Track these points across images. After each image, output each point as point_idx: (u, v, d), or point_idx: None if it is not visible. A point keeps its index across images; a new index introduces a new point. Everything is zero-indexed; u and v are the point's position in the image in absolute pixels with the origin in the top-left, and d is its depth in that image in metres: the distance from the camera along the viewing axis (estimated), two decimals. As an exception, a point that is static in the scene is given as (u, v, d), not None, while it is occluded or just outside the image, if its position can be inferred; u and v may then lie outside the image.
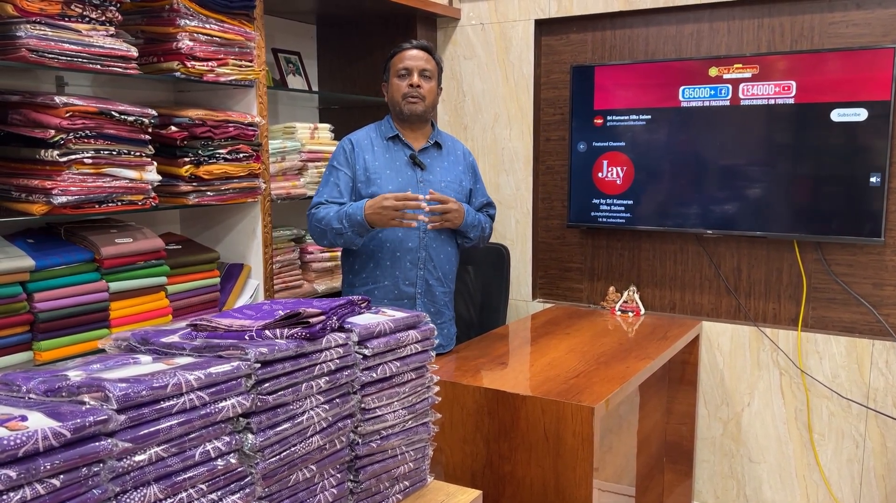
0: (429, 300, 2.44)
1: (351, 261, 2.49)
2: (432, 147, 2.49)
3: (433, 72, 2.45)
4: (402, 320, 1.39)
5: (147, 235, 2.19)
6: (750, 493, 2.96)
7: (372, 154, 2.42)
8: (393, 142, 2.46)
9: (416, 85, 2.40)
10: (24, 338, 1.90)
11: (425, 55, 2.44)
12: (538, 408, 1.93)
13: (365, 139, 2.46)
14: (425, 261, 2.41)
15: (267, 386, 1.11)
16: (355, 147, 2.43)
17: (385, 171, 2.39)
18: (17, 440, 0.79)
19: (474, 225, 2.46)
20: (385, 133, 2.47)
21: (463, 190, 2.51)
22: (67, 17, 1.86)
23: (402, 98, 2.41)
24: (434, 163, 2.47)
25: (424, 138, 2.49)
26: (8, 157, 1.91)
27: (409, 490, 1.44)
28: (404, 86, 2.41)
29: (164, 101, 2.57)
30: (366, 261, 2.43)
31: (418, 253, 2.40)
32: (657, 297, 3.14)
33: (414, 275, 2.41)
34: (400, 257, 2.39)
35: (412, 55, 2.43)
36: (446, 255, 2.47)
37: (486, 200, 2.63)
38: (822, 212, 2.71)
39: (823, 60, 2.65)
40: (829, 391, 2.76)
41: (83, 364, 1.10)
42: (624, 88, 3.01)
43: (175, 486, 0.97)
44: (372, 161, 2.41)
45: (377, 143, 2.45)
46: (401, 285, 2.40)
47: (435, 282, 2.45)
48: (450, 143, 2.57)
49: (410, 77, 2.41)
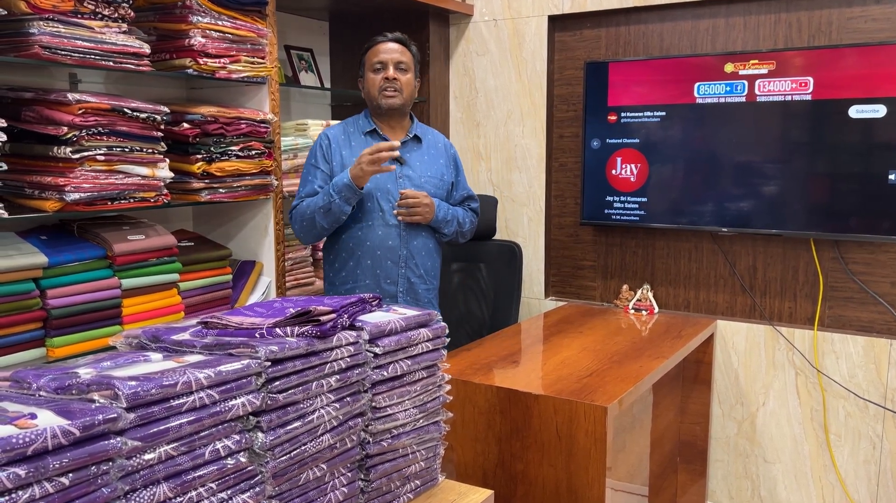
0: (412, 298, 2.41)
1: (331, 259, 2.45)
2: (412, 140, 2.45)
3: (409, 64, 2.41)
4: (413, 318, 1.38)
5: (159, 232, 2.19)
6: (765, 494, 2.93)
7: (349, 150, 2.39)
8: (371, 136, 2.42)
9: (392, 78, 2.36)
10: (37, 334, 1.91)
11: (400, 47, 2.40)
12: (550, 407, 1.91)
13: (342, 134, 2.42)
14: (406, 259, 2.38)
15: (277, 384, 1.10)
16: (332, 143, 2.40)
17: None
18: (27, 438, 0.78)
19: (447, 220, 2.42)
20: (363, 127, 2.43)
21: (444, 184, 2.47)
22: (80, 14, 1.87)
23: (378, 92, 2.38)
24: (414, 157, 2.43)
25: (403, 132, 2.46)
26: (21, 154, 1.91)
27: (420, 489, 1.43)
28: (380, 79, 2.38)
29: (177, 97, 2.58)
30: (346, 259, 2.40)
31: (399, 251, 2.37)
32: (671, 296, 3.11)
33: (395, 273, 2.38)
34: (381, 255, 2.36)
35: (387, 48, 2.39)
36: (427, 252, 2.43)
37: (468, 193, 2.58)
38: (840, 209, 2.68)
39: (842, 56, 2.61)
40: (845, 391, 2.73)
41: (94, 361, 1.09)
42: (638, 85, 2.98)
43: (185, 485, 0.96)
44: (349, 157, 2.37)
45: (355, 139, 2.42)
46: (382, 284, 2.37)
47: (417, 279, 2.41)
48: (430, 135, 2.52)
49: (386, 70, 2.37)
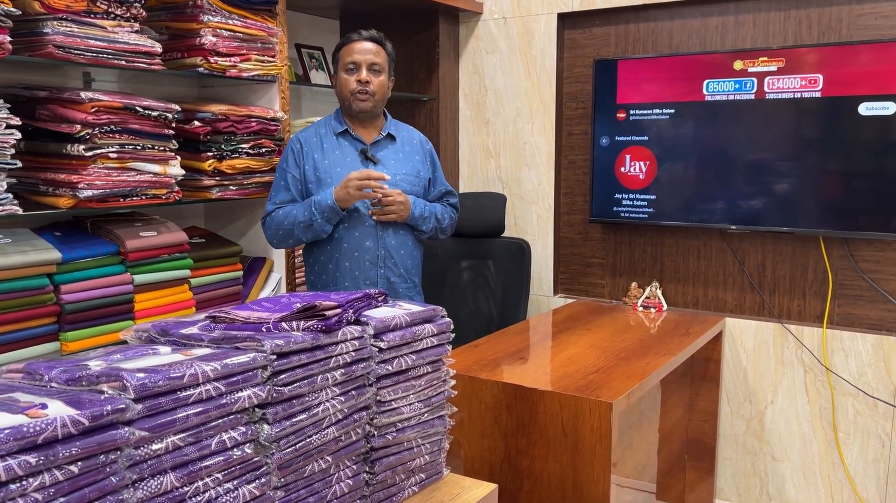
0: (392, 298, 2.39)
1: (311, 262, 2.44)
2: (385, 139, 2.42)
3: (383, 64, 2.37)
4: (418, 314, 1.40)
5: (171, 229, 2.22)
6: (773, 492, 2.93)
7: (321, 153, 2.36)
8: (343, 136, 2.39)
9: (365, 81, 2.32)
10: (51, 328, 1.94)
11: (375, 47, 2.36)
12: (556, 403, 1.92)
13: (313, 137, 2.39)
14: (384, 259, 2.36)
15: (283, 377, 1.12)
16: (304, 146, 2.37)
17: (335, 169, 2.33)
18: (37, 427, 0.81)
19: (425, 217, 2.39)
20: (334, 128, 2.40)
21: (420, 181, 2.44)
22: (93, 14, 1.90)
23: (350, 94, 2.34)
24: (388, 155, 2.40)
25: (377, 130, 2.42)
26: (36, 152, 1.95)
27: (424, 482, 1.45)
28: (352, 81, 2.33)
29: (189, 96, 2.61)
30: (325, 262, 2.37)
31: (377, 251, 2.34)
32: (680, 293, 3.11)
33: (374, 273, 2.35)
34: (358, 257, 2.34)
35: (361, 48, 2.34)
36: (407, 251, 2.41)
37: (446, 189, 2.55)
38: (849, 207, 2.67)
39: (851, 53, 2.60)
40: (854, 389, 2.72)
41: (104, 354, 1.12)
42: (647, 82, 2.98)
43: (191, 475, 0.99)
44: (321, 160, 2.35)
45: (327, 140, 2.38)
46: (361, 285, 2.34)
47: (397, 279, 2.39)
48: (404, 132, 2.49)
49: (359, 72, 2.33)
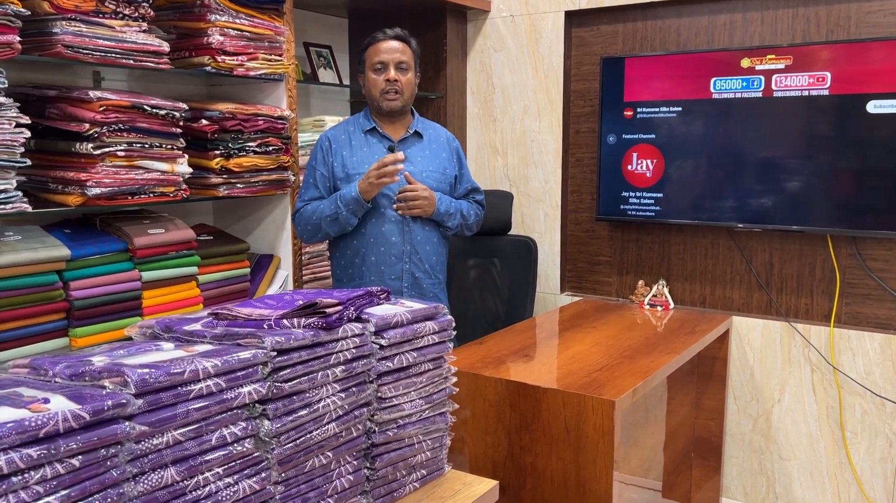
0: (417, 293, 2.41)
1: (337, 256, 2.47)
2: (412, 136, 2.45)
3: (410, 62, 2.39)
4: (419, 311, 1.41)
5: (179, 226, 2.24)
6: (780, 491, 2.92)
7: (349, 149, 2.40)
8: (371, 134, 2.43)
9: (394, 80, 2.35)
10: (60, 324, 1.97)
11: (401, 45, 2.38)
12: (559, 400, 1.93)
13: (342, 134, 2.43)
14: (410, 255, 2.39)
15: (283, 373, 1.14)
16: (332, 144, 2.41)
17: (363, 166, 2.36)
18: (39, 421, 0.82)
19: (450, 213, 2.42)
20: (363, 126, 2.43)
21: (447, 178, 2.47)
22: (101, 14, 1.92)
23: (379, 94, 2.37)
24: (414, 152, 2.43)
25: (404, 128, 2.46)
26: (46, 150, 1.97)
27: (426, 478, 1.46)
28: (381, 81, 2.36)
29: (198, 94, 2.63)
30: (352, 257, 2.41)
31: (402, 247, 2.37)
32: (687, 292, 3.11)
33: (399, 269, 2.38)
34: (384, 252, 2.37)
35: (387, 47, 2.37)
36: (432, 247, 2.44)
37: (472, 186, 2.57)
38: (857, 206, 2.66)
39: (860, 50, 2.58)
40: (862, 389, 2.71)
41: (108, 350, 1.14)
42: (654, 80, 2.98)
43: (192, 469, 1.00)
44: (349, 157, 2.39)
45: (355, 137, 2.42)
46: (387, 280, 2.37)
47: (422, 274, 2.42)
48: (431, 130, 2.52)
49: (387, 72, 2.36)
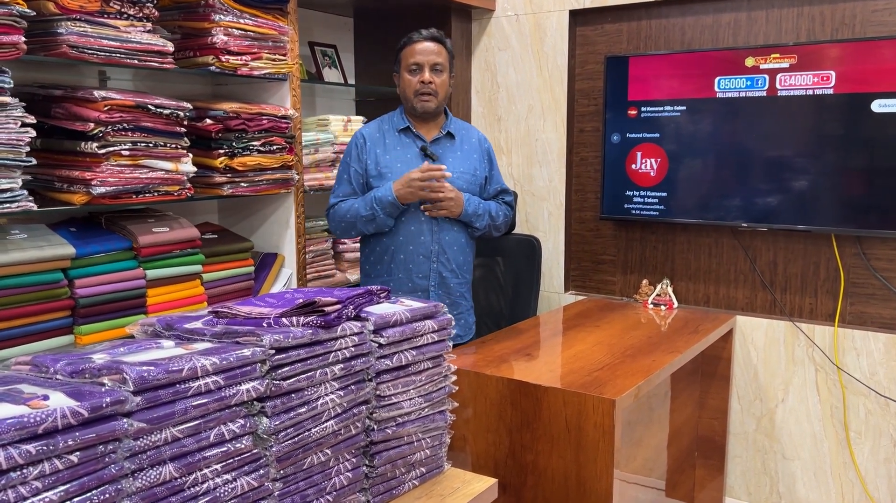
0: (443, 292, 2.44)
1: (367, 252, 2.51)
2: (444, 137, 2.48)
3: (445, 63, 2.42)
4: (419, 310, 1.42)
5: (183, 225, 2.26)
6: (783, 491, 2.92)
7: (383, 148, 2.43)
8: (405, 133, 2.45)
9: (429, 81, 2.38)
10: (65, 322, 1.99)
11: (437, 47, 2.40)
12: (560, 399, 1.94)
13: (377, 132, 2.46)
14: (438, 254, 2.41)
15: (281, 371, 1.15)
16: (367, 142, 2.44)
17: (396, 165, 2.40)
18: (37, 418, 0.84)
19: (478, 214, 2.43)
20: (397, 125, 2.46)
21: (477, 179, 2.49)
22: (106, 14, 1.93)
23: (413, 95, 2.40)
24: (446, 153, 2.46)
25: (437, 128, 2.48)
26: (51, 150, 1.99)
27: (425, 476, 1.47)
28: (416, 82, 2.39)
29: (203, 94, 2.64)
30: (381, 254, 2.44)
31: (431, 246, 2.40)
32: (691, 291, 3.11)
33: (427, 267, 2.41)
34: (413, 250, 2.40)
35: (423, 48, 2.39)
36: (459, 247, 2.46)
37: (502, 187, 2.59)
38: (862, 205, 2.65)
39: (865, 49, 2.57)
40: (866, 389, 2.70)
41: (110, 347, 1.15)
42: (659, 79, 2.97)
43: (190, 466, 1.02)
44: (383, 155, 2.41)
45: (389, 136, 2.45)
46: (414, 278, 2.40)
47: (449, 274, 2.44)
48: (464, 131, 2.54)
49: (422, 73, 2.38)
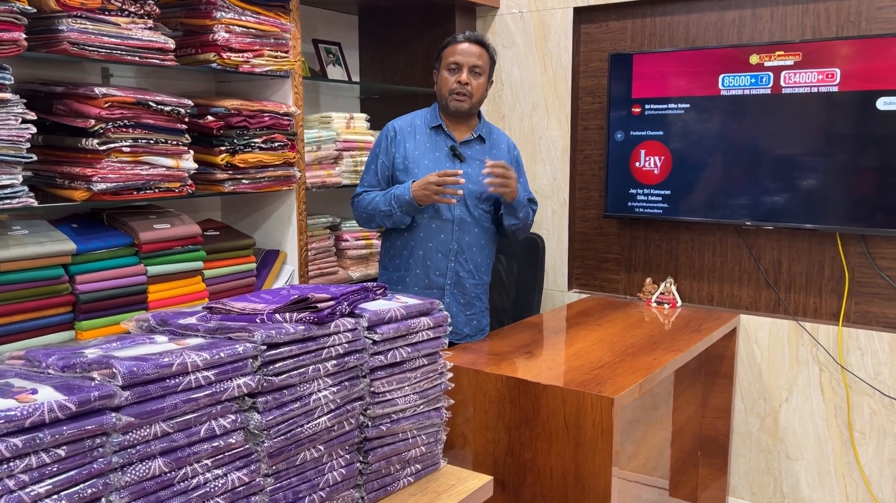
0: (459, 291, 2.44)
1: (387, 246, 2.52)
2: (475, 140, 2.48)
3: (484, 67, 2.41)
4: (414, 307, 1.42)
5: (185, 221, 2.26)
6: (787, 490, 2.90)
7: (413, 142, 2.43)
8: (436, 131, 2.46)
9: (465, 82, 2.37)
10: (66, 317, 1.99)
11: (478, 49, 2.40)
12: (559, 397, 1.93)
13: (409, 126, 2.47)
14: (456, 254, 2.42)
15: (273, 367, 1.15)
16: (398, 134, 2.44)
17: (423, 161, 2.40)
18: (24, 412, 0.84)
19: (524, 205, 2.45)
20: (429, 122, 2.47)
21: None
22: (107, 11, 1.94)
23: (448, 93, 2.40)
24: (475, 155, 2.46)
25: (469, 130, 2.48)
26: (53, 146, 2.00)
27: (421, 473, 1.47)
28: (452, 81, 2.38)
29: (205, 91, 2.65)
30: (401, 248, 2.46)
31: (450, 244, 2.41)
32: (695, 290, 3.09)
33: (444, 265, 2.41)
34: (432, 248, 2.41)
35: (464, 49, 2.39)
36: (479, 248, 2.46)
37: (529, 196, 2.58)
38: (867, 204, 2.63)
39: (870, 47, 2.55)
40: (870, 388, 2.68)
41: (103, 342, 1.16)
42: (662, 77, 2.96)
43: (179, 461, 1.02)
44: (412, 149, 2.42)
45: (420, 131, 2.45)
46: (431, 275, 2.41)
47: (466, 274, 2.44)
48: (495, 136, 2.55)
49: (460, 73, 2.38)
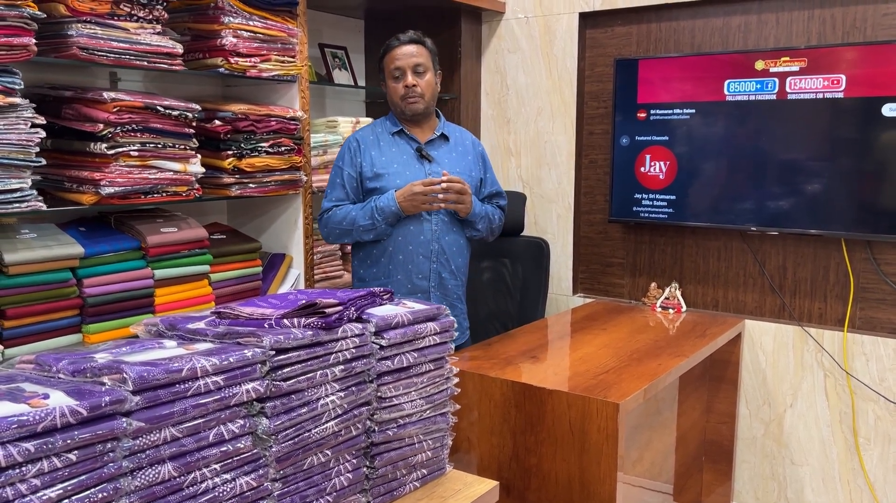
0: (442, 294, 2.43)
1: (362, 256, 2.47)
2: (439, 139, 2.47)
3: (426, 63, 2.40)
4: (420, 312, 1.42)
5: (192, 225, 2.28)
6: (791, 496, 2.90)
7: (378, 150, 2.42)
8: (399, 136, 2.45)
9: (412, 85, 2.37)
10: (73, 321, 2.01)
11: (415, 48, 2.39)
12: (564, 402, 1.93)
13: (370, 135, 2.45)
14: (438, 254, 2.40)
15: (282, 372, 1.15)
16: (361, 144, 2.43)
17: (392, 166, 2.39)
18: (37, 416, 0.85)
19: (482, 216, 2.44)
20: (390, 128, 2.45)
21: (472, 181, 2.47)
22: (116, 16, 1.95)
23: (400, 100, 2.39)
24: (441, 154, 2.45)
25: (431, 130, 2.47)
26: (61, 150, 2.01)
27: (426, 478, 1.47)
28: (400, 88, 2.38)
29: (213, 95, 2.66)
30: (378, 256, 2.41)
31: (431, 245, 2.39)
32: (700, 295, 3.09)
33: (427, 268, 2.39)
34: (412, 251, 2.38)
35: (402, 53, 2.38)
36: (458, 248, 2.45)
37: (496, 190, 2.58)
38: (872, 209, 2.63)
39: (876, 53, 2.55)
40: (875, 394, 2.68)
41: (113, 347, 1.16)
42: (668, 82, 2.96)
43: (189, 465, 1.02)
44: (379, 157, 2.40)
45: (383, 139, 2.44)
46: (414, 279, 2.38)
47: (448, 275, 2.43)
48: (457, 133, 2.54)
49: (405, 78, 2.38)
